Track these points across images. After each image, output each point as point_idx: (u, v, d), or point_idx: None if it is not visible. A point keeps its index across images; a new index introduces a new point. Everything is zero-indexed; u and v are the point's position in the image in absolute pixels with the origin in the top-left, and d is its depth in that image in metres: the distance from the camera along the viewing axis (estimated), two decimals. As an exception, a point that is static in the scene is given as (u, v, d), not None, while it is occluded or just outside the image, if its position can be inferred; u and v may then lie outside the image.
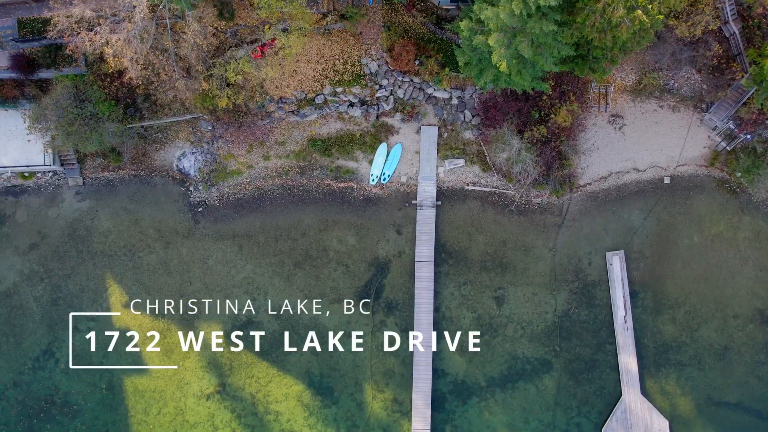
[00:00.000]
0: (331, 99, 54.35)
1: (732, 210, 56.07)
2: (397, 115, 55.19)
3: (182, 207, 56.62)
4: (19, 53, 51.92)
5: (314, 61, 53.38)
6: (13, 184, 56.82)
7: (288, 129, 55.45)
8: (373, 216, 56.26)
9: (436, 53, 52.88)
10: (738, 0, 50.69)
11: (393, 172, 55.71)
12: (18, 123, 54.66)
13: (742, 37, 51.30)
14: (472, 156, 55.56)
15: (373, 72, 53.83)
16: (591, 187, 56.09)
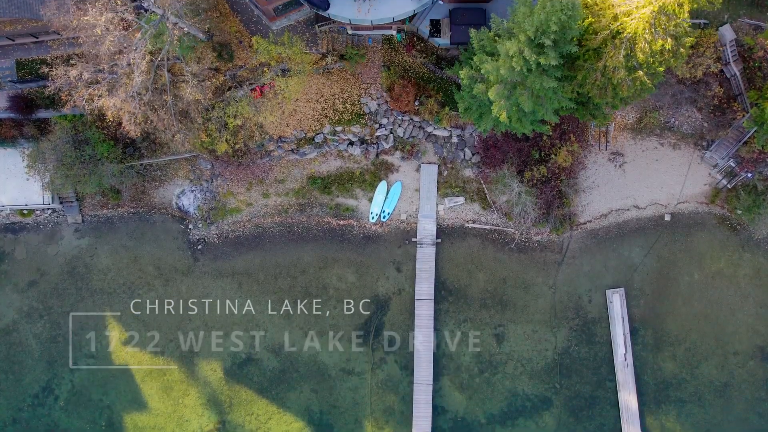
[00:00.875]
0: (330, 138, 54.21)
1: (732, 247, 55.99)
2: (397, 153, 55.05)
3: (181, 244, 56.50)
4: (18, 94, 51.75)
5: (314, 100, 53.21)
6: (12, 222, 56.68)
7: (287, 167, 55.30)
8: (372, 253, 56.14)
9: (436, 93, 52.72)
10: (739, 41, 50.52)
11: (393, 209, 55.58)
12: (17, 161, 54.52)
13: (742, 78, 51.16)
14: (472, 194, 55.43)
15: (373, 111, 53.67)
16: (591, 225, 55.98)
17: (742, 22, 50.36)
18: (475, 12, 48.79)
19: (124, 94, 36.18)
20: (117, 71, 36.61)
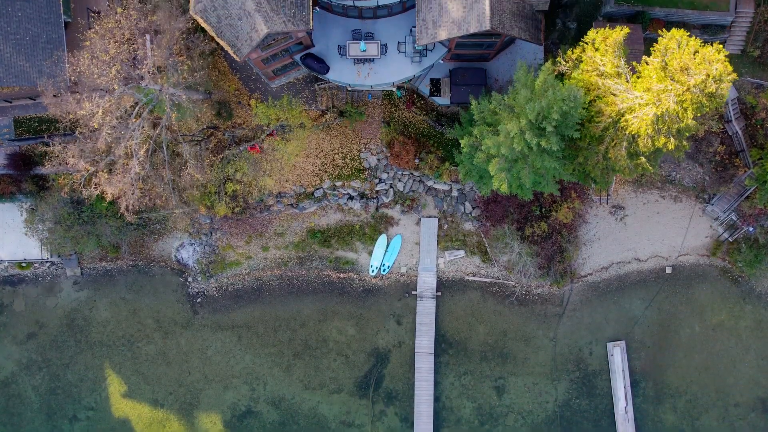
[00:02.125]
0: (330, 192, 53.96)
1: (734, 299, 55.83)
2: (397, 207, 54.80)
3: (181, 297, 56.30)
4: (16, 151, 51.48)
5: (313, 155, 52.94)
6: (11, 274, 56.43)
7: (287, 220, 55.05)
8: (372, 306, 55.96)
9: (436, 149, 52.43)
10: (741, 99, 50.24)
11: (393, 263, 55.37)
12: (15, 216, 54.32)
13: (744, 135, 50.88)
14: (472, 247, 55.20)
15: (373, 166, 53.41)
16: (592, 278, 55.78)
17: (744, 81, 50.03)
18: (475, 72, 48.50)
19: (121, 183, 35.99)
20: (115, 156, 36.40)
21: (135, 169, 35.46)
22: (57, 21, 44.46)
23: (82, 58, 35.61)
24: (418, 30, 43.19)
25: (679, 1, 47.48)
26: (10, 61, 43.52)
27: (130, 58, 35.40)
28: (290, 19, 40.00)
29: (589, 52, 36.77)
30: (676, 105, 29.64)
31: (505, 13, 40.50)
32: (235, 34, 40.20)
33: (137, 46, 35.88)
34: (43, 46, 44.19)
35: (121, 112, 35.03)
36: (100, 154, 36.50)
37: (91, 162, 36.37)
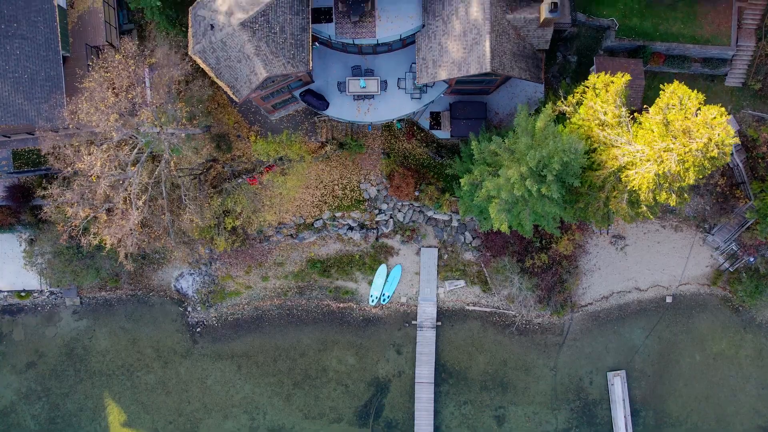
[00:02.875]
0: (330, 223, 53.81)
1: (734, 328, 55.75)
2: (397, 237, 54.66)
3: (180, 327, 56.19)
4: (14, 183, 51.31)
5: (313, 186, 52.76)
6: (10, 303, 56.30)
7: (286, 250, 54.90)
8: (372, 336, 55.86)
9: (436, 180, 52.25)
10: (742, 132, 50.07)
11: (393, 292, 55.26)
12: (14, 246, 54.17)
13: (745, 167, 50.71)
14: (472, 277, 55.07)
15: (373, 197, 53.25)
16: (592, 307, 55.67)
17: (746, 114, 49.85)
18: (475, 106, 48.29)
19: (120, 232, 35.84)
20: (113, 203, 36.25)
21: (134, 219, 35.29)
22: (55, 58, 44.22)
23: (81, 105, 35.36)
24: (418, 68, 43.00)
25: (681, 36, 47.28)
26: (8, 99, 43.31)
27: (128, 106, 35.21)
28: (290, 60, 39.79)
29: (590, 98, 36.56)
30: (677, 166, 29.49)
31: (505, 55, 40.31)
32: (234, 75, 40.01)
33: (135, 94, 35.66)
34: (42, 83, 43.96)
35: (119, 161, 34.84)
36: (99, 201, 36.27)
37: (90, 207, 36.15)
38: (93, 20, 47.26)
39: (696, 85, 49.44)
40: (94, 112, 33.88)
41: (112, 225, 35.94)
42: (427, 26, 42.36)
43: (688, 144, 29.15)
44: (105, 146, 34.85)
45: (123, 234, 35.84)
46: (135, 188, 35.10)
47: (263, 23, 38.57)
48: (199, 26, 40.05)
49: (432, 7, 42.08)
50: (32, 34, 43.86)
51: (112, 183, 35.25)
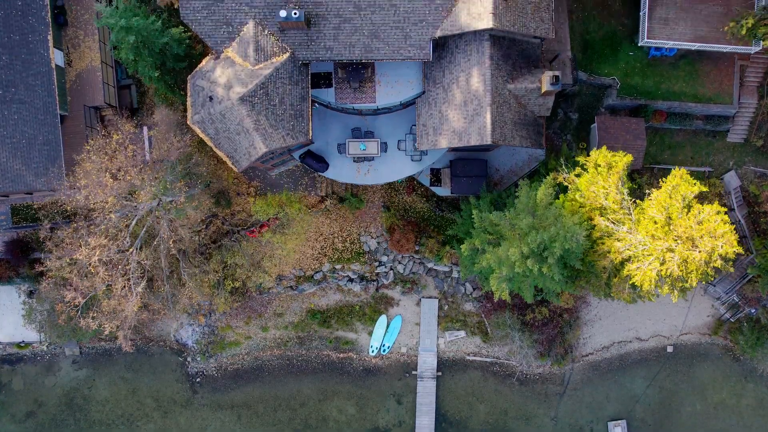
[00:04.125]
0: (330, 275, 53.63)
1: (735, 377, 55.62)
2: (398, 288, 54.48)
3: (180, 377, 56.03)
4: (13, 238, 51.09)
5: (312, 239, 52.54)
6: (9, 353, 56.11)
7: (286, 301, 54.72)
8: (373, 386, 55.72)
9: (437, 233, 52.03)
10: (744, 188, 49.85)
11: (393, 343, 55.11)
12: (13, 297, 54.02)
13: (747, 222, 50.50)
14: (473, 327, 54.92)
15: (373, 249, 53.05)
16: (593, 357, 55.51)
17: (747, 169, 49.61)
18: (476, 163, 47.98)
19: (119, 318, 35.71)
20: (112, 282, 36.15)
21: (133, 305, 35.17)
22: (53, 122, 44.03)
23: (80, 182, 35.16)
24: (419, 134, 42.75)
25: (683, 94, 47.03)
26: (6, 166, 43.10)
27: (126, 188, 35.02)
28: (289, 132, 39.54)
29: (591, 175, 36.34)
30: (680, 269, 29.31)
31: (506, 125, 40.05)
32: (234, 147, 39.76)
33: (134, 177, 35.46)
34: (40, 148, 43.76)
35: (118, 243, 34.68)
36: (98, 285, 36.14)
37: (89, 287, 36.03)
38: (91, 79, 47.00)
39: (698, 140, 49.23)
40: (93, 196, 33.64)
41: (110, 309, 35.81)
42: (428, 93, 42.10)
43: (691, 253, 28.98)
44: (102, 227, 34.60)
45: (122, 321, 35.70)
46: (134, 271, 34.94)
47: (262, 96, 38.30)
48: (198, 96, 39.78)
49: (432, 74, 41.81)
50: (30, 98, 43.64)
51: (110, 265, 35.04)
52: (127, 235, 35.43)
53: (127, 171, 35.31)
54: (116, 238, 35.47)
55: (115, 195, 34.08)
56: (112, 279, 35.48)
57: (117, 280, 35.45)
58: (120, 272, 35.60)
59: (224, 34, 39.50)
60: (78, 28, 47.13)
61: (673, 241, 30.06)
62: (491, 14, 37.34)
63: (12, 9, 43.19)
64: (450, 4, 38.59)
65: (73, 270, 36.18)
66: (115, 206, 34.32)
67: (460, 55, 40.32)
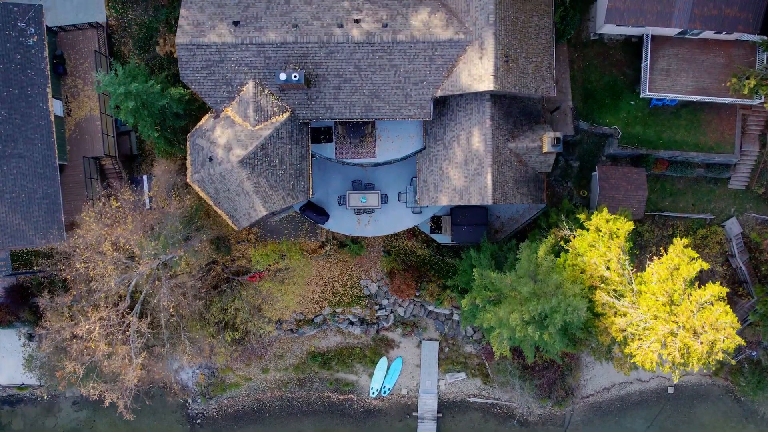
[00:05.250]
0: (330, 318, 53.54)
1: (736, 418, 55.57)
2: (398, 330, 54.41)
3: (180, 418, 55.99)
4: (13, 284, 51.04)
5: (313, 283, 52.43)
6: (9, 394, 56.05)
7: (287, 343, 54.65)
8: (373, 428, 55.67)
9: (438, 277, 51.92)
10: (745, 234, 49.72)
11: (393, 385, 55.03)
12: (13, 340, 53.93)
13: (748, 268, 50.38)
14: (473, 369, 54.85)
15: (373, 293, 52.94)
16: (594, 398, 55.44)
17: (749, 216, 49.46)
18: (476, 211, 47.81)
19: (119, 389, 35.64)
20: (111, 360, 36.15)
21: (132, 376, 35.09)
22: (53, 175, 43.84)
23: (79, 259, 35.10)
24: (419, 190, 42.62)
25: (684, 144, 46.87)
26: (5, 221, 42.92)
27: (126, 258, 34.92)
28: (290, 192, 39.39)
29: (592, 238, 36.21)
30: (681, 356, 29.23)
31: (507, 184, 39.91)
32: (234, 206, 39.62)
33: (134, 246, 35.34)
34: (39, 202, 43.59)
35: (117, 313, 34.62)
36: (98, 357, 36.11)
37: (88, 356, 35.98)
38: (91, 128, 46.85)
39: (699, 187, 49.07)
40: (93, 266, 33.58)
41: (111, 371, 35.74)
42: (429, 149, 41.95)
43: (693, 343, 28.91)
44: (102, 295, 34.51)
45: (123, 392, 35.66)
46: (134, 340, 34.87)
47: (262, 157, 38.15)
48: (198, 155, 39.63)
49: (433, 130, 41.65)
50: (29, 152, 43.46)
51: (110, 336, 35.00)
52: (126, 300, 35.36)
53: (127, 240, 35.18)
54: (116, 306, 35.37)
55: (114, 265, 33.95)
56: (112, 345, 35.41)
57: (118, 348, 35.38)
58: (120, 340, 35.53)
59: (224, 93, 39.35)
60: (77, 77, 46.96)
61: (675, 325, 29.99)
62: (492, 76, 37.17)
63: (11, 63, 42.96)
64: (451, 65, 38.41)
65: (73, 343, 36.11)
66: (114, 273, 34.20)
67: (461, 113, 40.17)
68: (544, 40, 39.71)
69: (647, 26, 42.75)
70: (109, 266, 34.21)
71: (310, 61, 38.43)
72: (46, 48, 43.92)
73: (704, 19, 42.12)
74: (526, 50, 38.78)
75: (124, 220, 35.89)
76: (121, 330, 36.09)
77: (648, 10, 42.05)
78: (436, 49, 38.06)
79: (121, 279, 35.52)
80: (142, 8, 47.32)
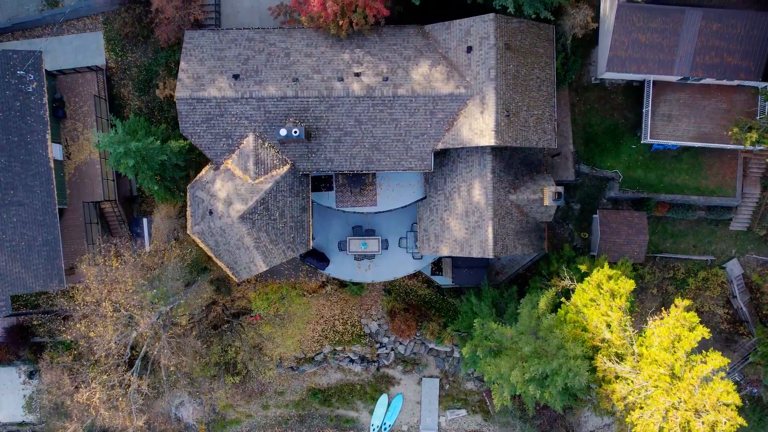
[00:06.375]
0: (331, 356, 53.53)
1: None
2: (398, 367, 54.39)
3: (181, 454, 56.00)
4: (13, 324, 51.01)
5: (314, 321, 52.40)
6: (10, 430, 56.05)
7: (287, 380, 54.63)
8: (374, 464, 55.66)
9: (438, 316, 51.89)
10: (746, 275, 49.65)
11: (394, 422, 55.01)
12: (13, 378, 53.87)
13: (749, 308, 50.33)
14: (474, 405, 54.83)
15: (374, 332, 52.91)
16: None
17: (750, 258, 49.38)
18: (477, 254, 47.72)
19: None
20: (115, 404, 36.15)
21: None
22: (53, 222, 43.71)
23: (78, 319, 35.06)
24: (420, 239, 42.53)
25: (686, 188, 46.77)
26: (5, 269, 42.83)
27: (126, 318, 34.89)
28: (290, 245, 39.31)
29: (592, 293, 36.16)
30: (682, 431, 29.19)
31: (508, 236, 39.82)
32: (234, 259, 39.55)
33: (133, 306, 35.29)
34: (39, 249, 43.49)
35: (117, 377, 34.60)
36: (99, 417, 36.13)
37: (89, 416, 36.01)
38: (91, 172, 46.71)
39: (700, 229, 48.96)
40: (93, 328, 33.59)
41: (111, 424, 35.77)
42: (429, 198, 41.85)
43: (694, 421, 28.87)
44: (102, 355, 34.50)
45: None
46: (135, 401, 34.85)
47: (263, 211, 38.05)
48: (198, 207, 39.54)
49: (434, 179, 41.55)
50: (29, 200, 43.33)
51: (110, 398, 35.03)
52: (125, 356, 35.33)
53: (127, 301, 35.15)
54: (116, 368, 35.35)
55: (114, 326, 33.93)
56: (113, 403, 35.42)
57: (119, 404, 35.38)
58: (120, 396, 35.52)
59: (224, 146, 39.25)
60: (77, 120, 46.81)
61: (676, 398, 29.93)
62: (493, 132, 37.05)
63: (10, 110, 42.82)
64: (452, 119, 38.29)
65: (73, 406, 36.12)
66: (114, 335, 34.18)
67: (462, 164, 40.06)
68: (545, 92, 39.58)
69: (649, 74, 42.60)
70: (110, 327, 34.16)
71: (310, 114, 38.31)
72: (46, 94, 43.75)
73: (706, 67, 41.97)
74: (528, 103, 38.65)
75: (124, 279, 35.80)
76: (122, 390, 36.08)
77: (649, 58, 41.90)
78: (437, 103, 37.93)
79: (120, 338, 35.48)
80: (141, 51, 47.15)
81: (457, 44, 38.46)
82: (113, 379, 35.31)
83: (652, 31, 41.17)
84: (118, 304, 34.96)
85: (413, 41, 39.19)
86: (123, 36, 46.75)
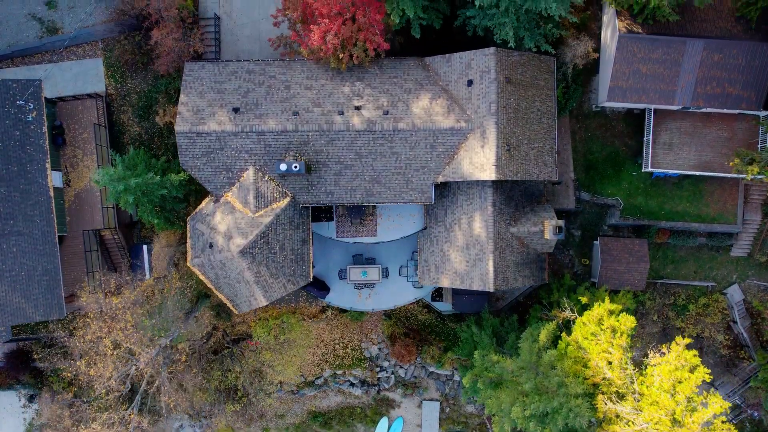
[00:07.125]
0: (331, 380, 53.51)
1: (737, 476, 55.46)
2: (399, 390, 54.35)
3: (181, 477, 55.97)
4: (13, 349, 51.00)
5: (314, 345, 52.36)
6: (10, 453, 56.13)
7: (287, 402, 54.60)
8: (374, 486, 55.65)
9: (439, 340, 51.85)
10: (747, 300, 49.61)
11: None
12: (13, 401, 53.84)
13: (749, 333, 50.29)
14: (474, 429, 54.78)
15: (374, 356, 52.88)
16: (595, 457, 55.39)
17: (751, 283, 49.33)
18: (478, 280, 47.66)
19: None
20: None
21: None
22: (53, 251, 43.68)
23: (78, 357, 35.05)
24: (420, 270, 42.47)
25: (686, 215, 46.69)
26: (5, 300, 42.77)
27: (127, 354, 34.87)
28: (290, 278, 39.26)
29: (592, 327, 36.11)
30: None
31: (509, 268, 39.76)
32: (234, 292, 39.49)
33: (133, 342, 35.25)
34: (39, 279, 43.44)
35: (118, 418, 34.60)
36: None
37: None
38: (90, 200, 46.62)
39: (701, 255, 48.90)
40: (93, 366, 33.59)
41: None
42: (430, 229, 41.78)
43: None
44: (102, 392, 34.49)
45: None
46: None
47: (263, 245, 38.00)
48: (198, 240, 39.47)
49: (434, 211, 41.48)
50: (29, 230, 43.27)
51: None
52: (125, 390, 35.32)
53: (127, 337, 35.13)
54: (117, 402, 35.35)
55: (114, 365, 33.90)
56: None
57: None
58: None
59: (224, 179, 39.18)
60: (76, 147, 46.73)
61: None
62: (494, 166, 36.98)
63: (10, 140, 42.76)
64: (452, 152, 38.22)
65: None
66: (114, 373, 34.16)
67: (462, 196, 39.99)
68: (546, 125, 39.51)
69: (650, 104, 42.51)
70: (110, 364, 34.15)
71: (310, 148, 38.23)
72: (45, 123, 43.70)
73: (707, 98, 41.89)
74: (528, 136, 38.57)
75: (124, 318, 35.77)
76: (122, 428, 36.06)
77: (650, 88, 41.82)
78: (438, 136, 37.86)
79: (120, 375, 35.47)
80: (141, 78, 47.06)
81: (458, 77, 38.36)
82: (113, 417, 35.28)
83: (653, 61, 41.08)
84: (117, 341, 34.90)
85: (414, 74, 39.10)
86: (123, 63, 46.66)
